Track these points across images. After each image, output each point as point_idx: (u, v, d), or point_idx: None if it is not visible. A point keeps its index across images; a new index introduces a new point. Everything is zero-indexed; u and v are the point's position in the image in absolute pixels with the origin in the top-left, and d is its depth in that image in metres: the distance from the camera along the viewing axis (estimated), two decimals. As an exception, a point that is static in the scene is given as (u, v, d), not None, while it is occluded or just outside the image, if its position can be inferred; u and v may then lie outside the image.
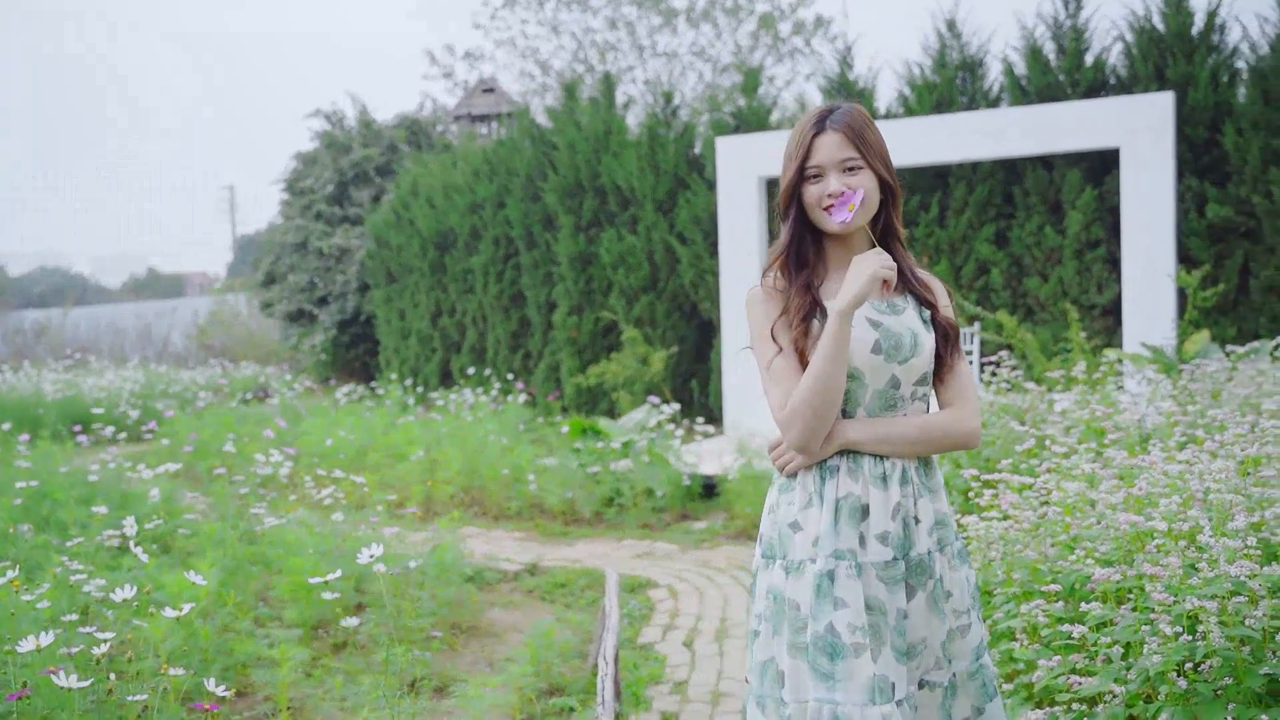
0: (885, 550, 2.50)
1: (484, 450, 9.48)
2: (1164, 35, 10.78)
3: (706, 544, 8.01)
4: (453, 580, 6.08)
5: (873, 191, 2.56)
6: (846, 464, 2.53)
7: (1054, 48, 11.33)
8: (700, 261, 12.63)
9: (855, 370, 2.53)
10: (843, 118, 2.57)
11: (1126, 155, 10.06)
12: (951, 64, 11.70)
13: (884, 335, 2.55)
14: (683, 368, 12.97)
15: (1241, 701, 2.81)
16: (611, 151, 13.44)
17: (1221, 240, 10.39)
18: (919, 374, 2.58)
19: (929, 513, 2.56)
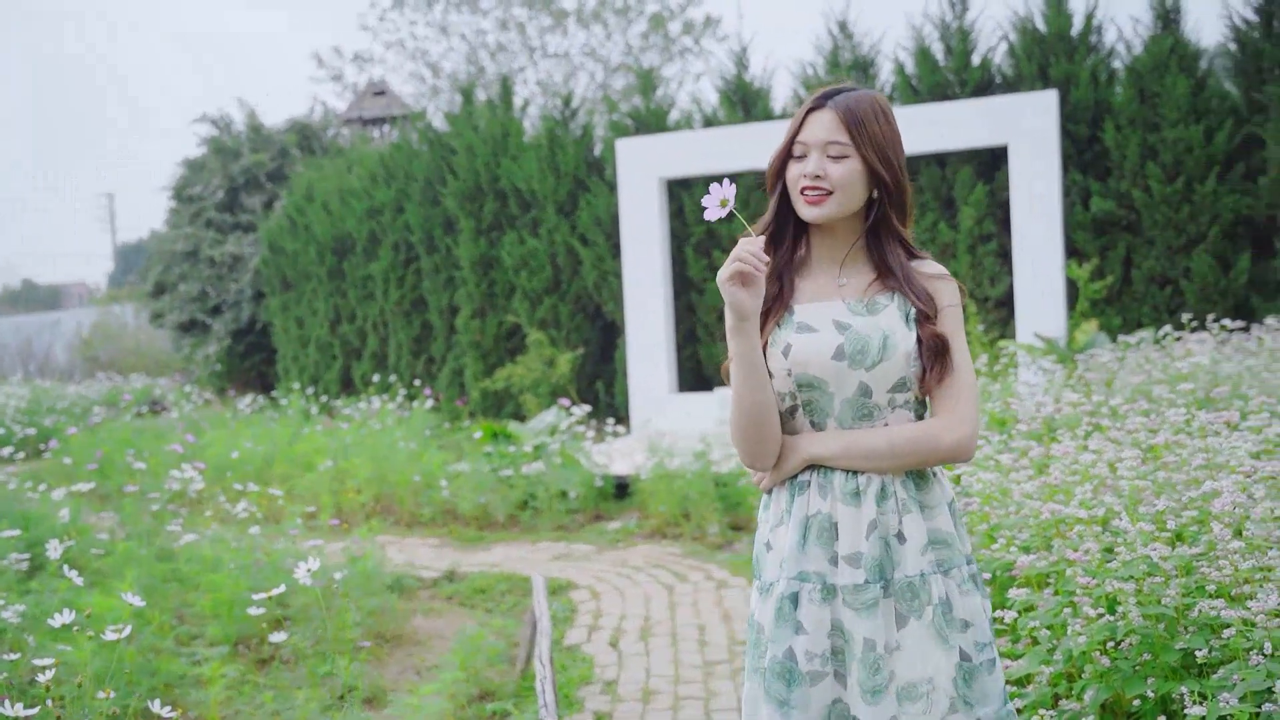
0: (856, 573, 2.28)
1: (393, 458, 9.43)
2: (1046, 36, 11.17)
3: (622, 544, 8.10)
4: (376, 590, 6.07)
5: (855, 183, 2.31)
6: (817, 479, 2.34)
7: (942, 48, 11.66)
8: (603, 263, 12.71)
9: (816, 379, 2.32)
10: (845, 100, 2.33)
11: (1014, 152, 10.41)
12: (844, 64, 11.96)
13: (849, 339, 2.32)
14: (588, 369, 13.03)
15: (1160, 675, 2.97)
16: (511, 154, 13.45)
17: (1105, 233, 10.80)
18: (893, 380, 2.31)
19: (919, 530, 2.29)
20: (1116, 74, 10.97)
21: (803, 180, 2.32)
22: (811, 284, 2.41)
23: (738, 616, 6.07)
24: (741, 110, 12.38)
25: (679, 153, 11.77)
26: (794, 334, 2.35)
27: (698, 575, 7.02)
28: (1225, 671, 2.77)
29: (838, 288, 2.40)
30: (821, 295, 2.40)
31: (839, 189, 2.30)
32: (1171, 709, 3.00)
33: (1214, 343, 7.16)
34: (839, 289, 2.39)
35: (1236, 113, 10.46)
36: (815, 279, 2.41)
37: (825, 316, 2.35)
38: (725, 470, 8.42)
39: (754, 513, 7.80)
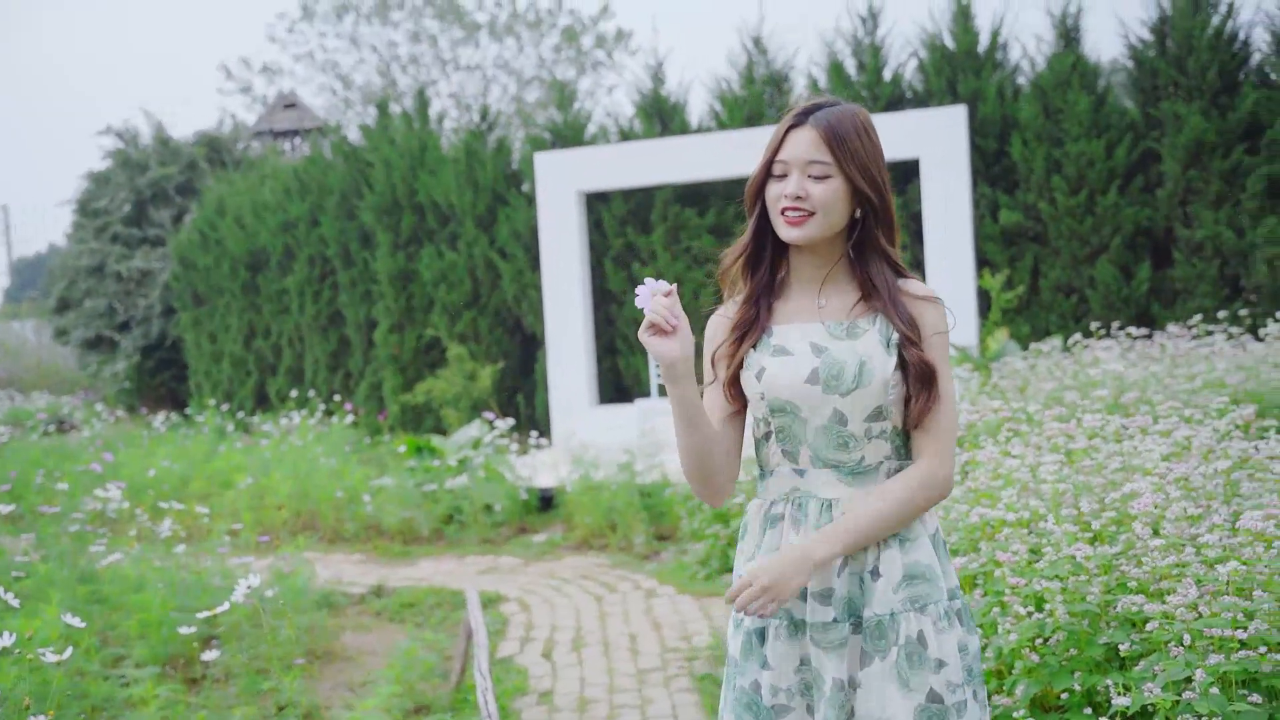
0: (824, 610, 2.20)
1: (314, 474, 9.36)
2: (954, 52, 11.47)
3: (549, 556, 8.14)
4: (305, 607, 6.04)
5: (837, 204, 2.22)
6: (790, 510, 2.26)
7: (855, 64, 11.91)
8: (523, 276, 12.74)
9: (788, 403, 2.24)
10: (827, 116, 2.24)
11: (926, 165, 10.69)
12: (759, 79, 12.15)
13: (825, 363, 2.23)
14: (508, 382, 13.04)
15: (1086, 669, 3.12)
16: (428, 168, 13.42)
17: (1014, 244, 11.12)
18: (870, 408, 2.21)
19: (895, 566, 2.19)
20: (1022, 90, 11.30)
21: (783, 201, 2.22)
22: (790, 306, 2.32)
23: (668, 625, 6.15)
24: (659, 124, 12.51)
25: (597, 166, 11.86)
26: (769, 357, 2.27)
27: (626, 585, 7.09)
28: (1147, 663, 2.91)
29: (818, 309, 2.30)
30: (800, 317, 2.31)
31: (821, 210, 2.21)
32: (1097, 701, 3.14)
33: (1120, 350, 7.43)
34: (819, 310, 2.30)
35: (1135, 128, 10.84)
36: (794, 300, 2.33)
37: (802, 339, 2.27)
38: (650, 481, 8.51)
39: (679, 523, 7.91)
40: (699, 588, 6.82)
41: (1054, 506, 3.56)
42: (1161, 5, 10.89)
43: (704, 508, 7.39)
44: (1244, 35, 10.74)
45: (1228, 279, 10.51)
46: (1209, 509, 3.38)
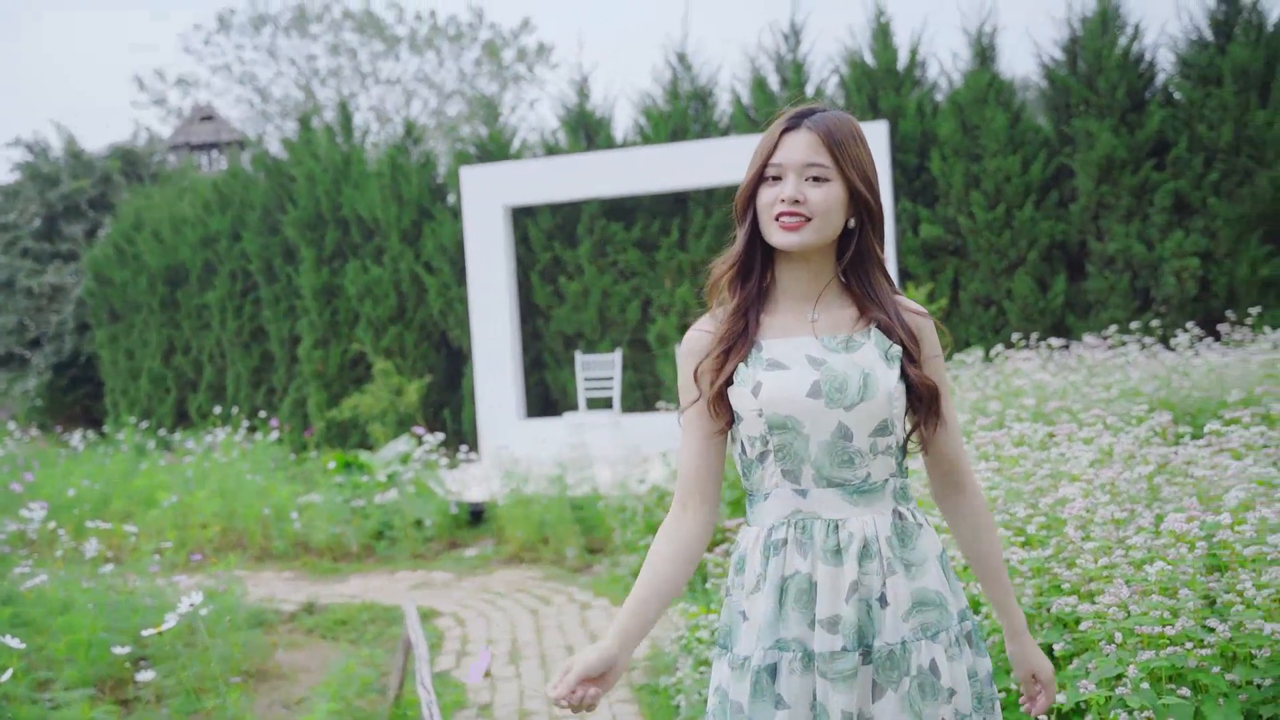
0: (833, 639, 2.07)
1: (241, 491, 9.24)
2: (875, 69, 11.70)
3: (482, 570, 8.13)
4: (238, 625, 5.98)
5: (835, 209, 2.11)
6: (794, 534, 2.13)
7: (777, 80, 12.09)
8: (449, 290, 12.71)
9: (789, 419, 2.11)
10: (824, 120, 2.15)
11: (848, 180, 10.85)
12: (684, 94, 12.28)
13: (826, 375, 2.11)
14: (434, 396, 12.99)
15: (1021, 670, 3.22)
16: (353, 182, 13.34)
17: (935, 257, 11.36)
18: (876, 422, 2.10)
19: (904, 593, 2.09)
20: (940, 106, 11.56)
21: (779, 205, 2.11)
22: (779, 320, 2.19)
23: (603, 636, 6.18)
24: (584, 139, 12.57)
25: (523, 181, 11.89)
26: (763, 371, 2.13)
27: (560, 598, 7.12)
28: (1080, 662, 3.02)
29: (810, 324, 2.18)
30: (790, 331, 2.18)
31: (818, 215, 2.09)
32: (1032, 699, 3.24)
33: (1040, 360, 7.64)
34: (811, 325, 2.18)
35: (1049, 144, 11.15)
36: (783, 314, 2.20)
37: (797, 352, 2.14)
38: (581, 494, 8.54)
39: (611, 535, 7.94)
40: (633, 599, 6.86)
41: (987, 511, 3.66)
42: (1072, 26, 11.22)
43: (636, 519, 7.44)
44: (1149, 56, 11.12)
45: (1138, 291, 10.84)
46: (1134, 513, 3.51)
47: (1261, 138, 10.38)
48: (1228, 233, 10.44)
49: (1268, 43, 10.58)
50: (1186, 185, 10.59)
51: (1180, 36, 11.07)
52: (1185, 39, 11.04)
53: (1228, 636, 2.83)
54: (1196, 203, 10.62)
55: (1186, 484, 3.74)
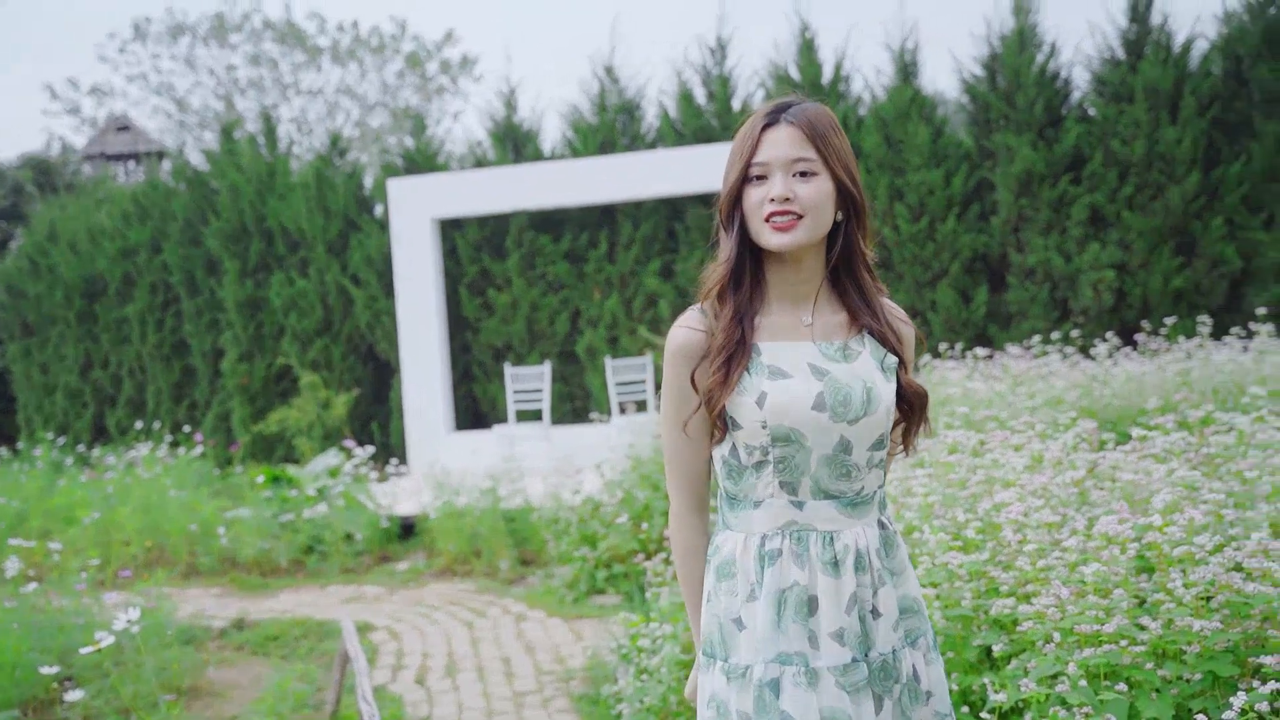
0: (843, 652, 2.04)
1: (165, 507, 9.08)
2: (800, 83, 11.86)
3: (414, 584, 8.09)
4: (168, 643, 5.89)
5: (826, 204, 2.05)
6: (789, 545, 2.07)
7: (704, 93, 12.20)
8: (376, 303, 12.62)
9: (793, 432, 2.04)
10: (804, 112, 2.06)
11: (775, 193, 10.99)
12: (612, 107, 12.33)
13: (830, 387, 2.05)
14: (361, 409, 12.88)
15: (963, 670, 3.30)
16: (277, 194, 13.19)
17: (859, 269, 11.51)
18: (875, 436, 2.08)
19: (891, 602, 2.10)
20: (864, 121, 11.75)
21: (768, 205, 2.03)
22: (771, 321, 2.12)
23: (541, 648, 6.19)
24: (512, 151, 12.57)
25: (451, 193, 11.85)
26: (766, 380, 2.06)
27: (495, 610, 7.10)
28: (1019, 662, 3.10)
29: (804, 327, 2.12)
30: (786, 334, 2.11)
31: (810, 211, 2.03)
32: (971, 700, 3.32)
33: (966, 370, 7.80)
34: (807, 329, 2.12)
35: (970, 158, 11.38)
36: (774, 315, 2.12)
37: (797, 360, 2.08)
38: (514, 506, 8.53)
39: (545, 547, 7.95)
40: (569, 610, 6.88)
41: (925, 517, 3.75)
42: (991, 44, 11.48)
43: (570, 531, 7.45)
44: (1065, 74, 11.41)
45: (1058, 301, 11.10)
46: (1065, 517, 3.61)
47: (1172, 154, 10.70)
48: (1141, 245, 10.74)
49: (1175, 62, 10.92)
50: (1102, 199, 10.88)
51: (1094, 55, 11.39)
52: (1099, 57, 11.35)
53: (1159, 634, 2.93)
54: (1111, 216, 10.91)
55: (1115, 488, 3.86)
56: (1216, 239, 10.66)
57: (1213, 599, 3.00)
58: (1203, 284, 10.78)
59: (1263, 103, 10.80)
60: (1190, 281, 10.75)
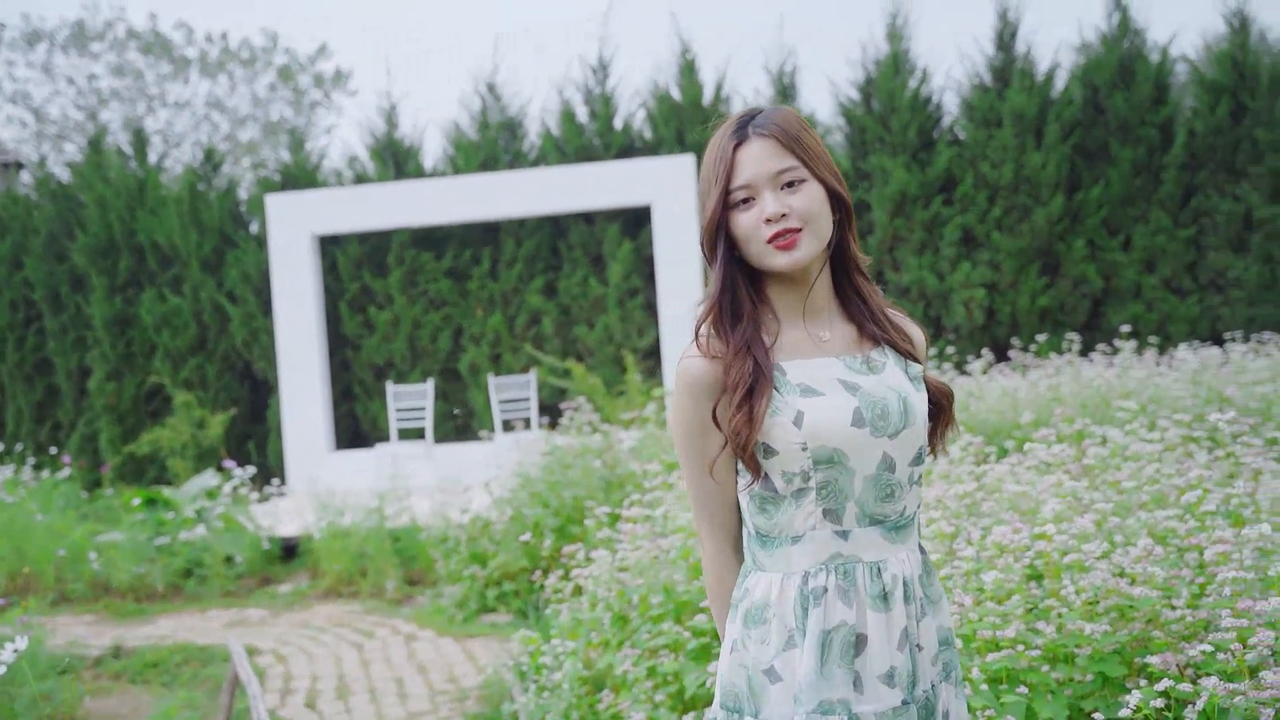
0: (892, 694, 1.88)
1: (30, 531, 8.75)
2: (681, 104, 12.02)
3: (299, 606, 7.94)
4: (42, 673, 5.68)
5: (822, 209, 1.92)
6: (835, 581, 1.90)
7: (586, 112, 12.27)
8: (253, 320, 12.36)
9: (836, 452, 1.88)
10: (772, 120, 1.93)
11: (657, 211, 11.13)
12: (494, 125, 12.32)
13: (865, 401, 1.91)
14: (238, 429, 12.59)
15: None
16: (149, 208, 12.83)
17: (740, 287, 11.70)
18: (915, 449, 1.94)
19: (931, 634, 1.96)
20: (744, 142, 11.93)
21: (765, 228, 1.90)
22: (788, 341, 1.98)
23: (434, 668, 6.15)
24: (393, 168, 12.46)
25: (331, 209, 11.70)
26: (799, 399, 1.90)
27: (384, 631, 7.02)
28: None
29: (820, 342, 1.98)
30: (803, 351, 1.97)
31: (809, 221, 1.91)
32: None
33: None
34: (823, 344, 1.98)
35: (847, 179, 11.66)
36: (790, 335, 1.98)
37: (826, 376, 1.93)
38: (400, 525, 8.44)
39: (433, 565, 7.87)
40: (460, 629, 6.84)
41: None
42: (867, 69, 11.80)
43: (460, 549, 7.41)
44: (937, 98, 11.79)
45: (932, 319, 11.44)
46: (959, 528, 3.74)
47: (1037, 178, 11.13)
48: (1010, 265, 11.14)
49: (1039, 90, 11.37)
50: (973, 220, 11.26)
51: (964, 81, 11.78)
52: (969, 83, 11.75)
53: (1053, 638, 3.06)
54: (982, 236, 11.30)
55: (1003, 500, 4.01)
56: (1079, 260, 11.12)
57: (1100, 603, 3.15)
58: (1067, 303, 11.23)
59: (1118, 130, 11.31)
60: (1055, 300, 11.18)
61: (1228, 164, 11.12)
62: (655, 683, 3.91)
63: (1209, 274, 11.14)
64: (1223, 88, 11.15)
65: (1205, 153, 11.14)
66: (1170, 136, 11.23)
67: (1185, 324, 10.96)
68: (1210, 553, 3.10)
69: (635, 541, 4.36)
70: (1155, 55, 11.40)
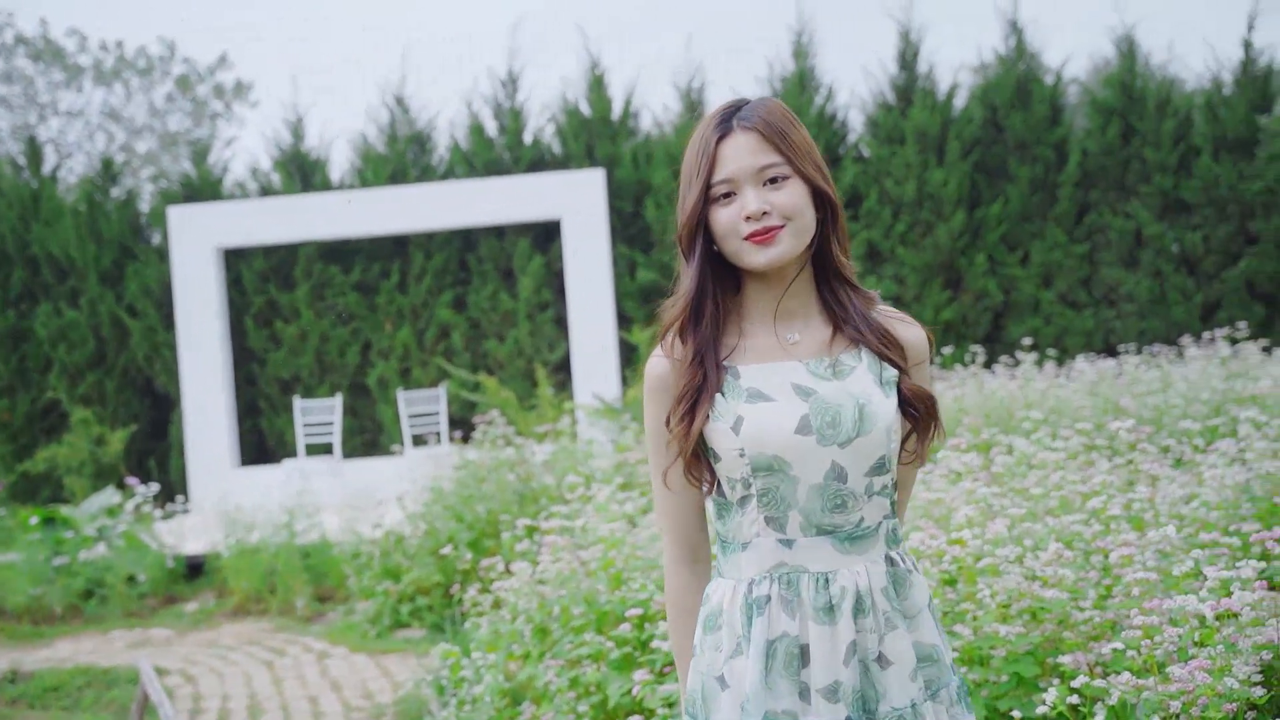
0: (835, 709, 1.83)
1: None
2: (591, 119, 12.08)
3: (205, 625, 7.79)
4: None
5: (806, 208, 1.87)
6: (779, 591, 1.87)
7: (496, 126, 12.27)
8: (155, 335, 12.09)
9: (776, 460, 1.85)
10: (757, 112, 1.88)
11: (567, 225, 11.17)
12: (403, 138, 12.25)
13: (816, 408, 1.86)
14: (138, 445, 12.30)
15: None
16: (43, 219, 12.48)
17: (651, 301, 11.79)
18: (873, 460, 1.87)
19: (906, 650, 1.87)
20: (654, 155, 12.05)
21: (745, 225, 1.85)
22: (751, 343, 1.94)
23: (348, 685, 6.08)
24: (300, 180, 12.32)
25: (236, 221, 11.52)
26: (744, 404, 1.87)
27: (295, 649, 6.92)
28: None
29: (788, 346, 1.93)
30: (768, 355, 1.92)
31: (791, 219, 1.86)
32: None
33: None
34: (790, 347, 1.93)
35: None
36: (756, 339, 1.94)
37: (781, 381, 1.88)
38: (309, 541, 8.33)
39: (344, 581, 7.79)
40: (373, 645, 6.77)
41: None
42: (773, 86, 11.99)
43: (373, 564, 7.34)
44: (842, 116, 12.02)
45: (837, 333, 11.63)
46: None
47: (939, 194, 11.41)
48: (914, 279, 11.39)
49: (941, 109, 11.66)
50: (878, 235, 11.49)
51: (869, 99, 12.03)
52: (873, 101, 11.99)
53: (970, 640, 3.16)
54: (887, 251, 11.53)
55: (916, 506, 4.11)
56: (980, 274, 11.41)
57: (1013, 606, 3.25)
58: (969, 316, 11.51)
59: (1016, 149, 11.64)
60: (958, 313, 11.46)
61: (1119, 183, 11.51)
62: (578, 693, 3.93)
63: (1102, 288, 11.51)
64: (1113, 109, 11.54)
65: (1098, 172, 11.52)
66: (1065, 156, 11.59)
67: (1081, 337, 11.31)
68: (1115, 555, 3.22)
69: (556, 553, 4.37)
70: (1050, 78, 11.77)
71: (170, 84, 25.44)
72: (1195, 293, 11.23)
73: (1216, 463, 4.18)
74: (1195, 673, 2.46)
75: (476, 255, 12.00)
